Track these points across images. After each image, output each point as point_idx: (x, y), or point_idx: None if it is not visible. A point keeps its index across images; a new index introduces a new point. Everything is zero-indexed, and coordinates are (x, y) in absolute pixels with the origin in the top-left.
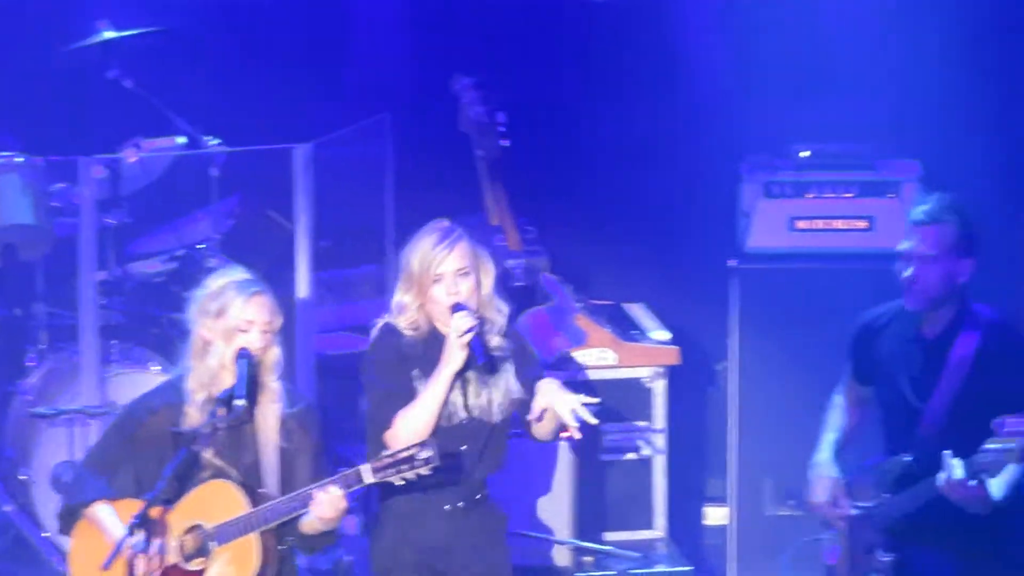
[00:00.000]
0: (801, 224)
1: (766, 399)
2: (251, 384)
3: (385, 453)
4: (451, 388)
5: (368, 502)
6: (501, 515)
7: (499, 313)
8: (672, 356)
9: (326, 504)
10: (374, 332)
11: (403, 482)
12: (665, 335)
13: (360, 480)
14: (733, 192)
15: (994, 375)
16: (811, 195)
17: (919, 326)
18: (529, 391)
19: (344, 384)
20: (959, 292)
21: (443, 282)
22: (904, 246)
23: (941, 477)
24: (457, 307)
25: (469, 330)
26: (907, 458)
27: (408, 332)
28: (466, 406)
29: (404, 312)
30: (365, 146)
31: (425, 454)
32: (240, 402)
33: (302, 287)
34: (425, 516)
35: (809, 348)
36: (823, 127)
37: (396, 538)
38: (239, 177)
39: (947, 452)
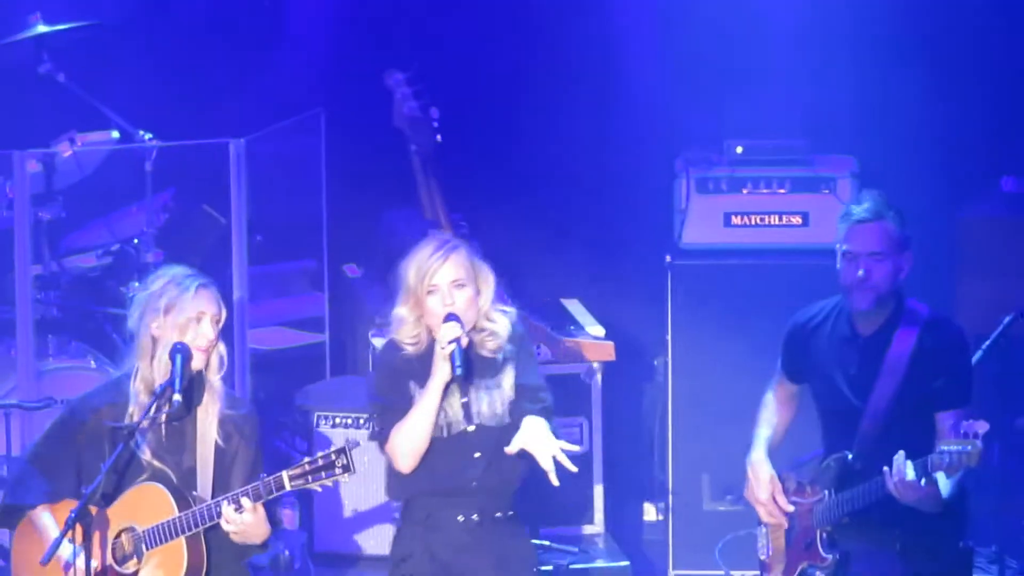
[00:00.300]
0: (736, 220)
1: (703, 394)
2: (188, 379)
3: (305, 460)
4: (446, 398)
5: (305, 497)
6: (526, 541)
7: (501, 323)
8: (608, 351)
9: (233, 521)
10: (378, 348)
11: (320, 489)
12: (601, 330)
13: (282, 486)
14: (668, 188)
15: (932, 372)
16: (746, 191)
17: (854, 324)
18: (518, 400)
19: (279, 379)
20: (898, 289)
21: (438, 293)
22: (847, 246)
23: (892, 478)
24: (449, 317)
25: (453, 340)
26: (848, 455)
27: (409, 346)
28: (469, 415)
29: (403, 325)
30: (299, 141)
31: (343, 461)
32: (177, 396)
33: (237, 282)
34: (439, 524)
35: (744, 343)
36: (758, 123)
37: (413, 545)
38: (173, 172)
39: (900, 454)
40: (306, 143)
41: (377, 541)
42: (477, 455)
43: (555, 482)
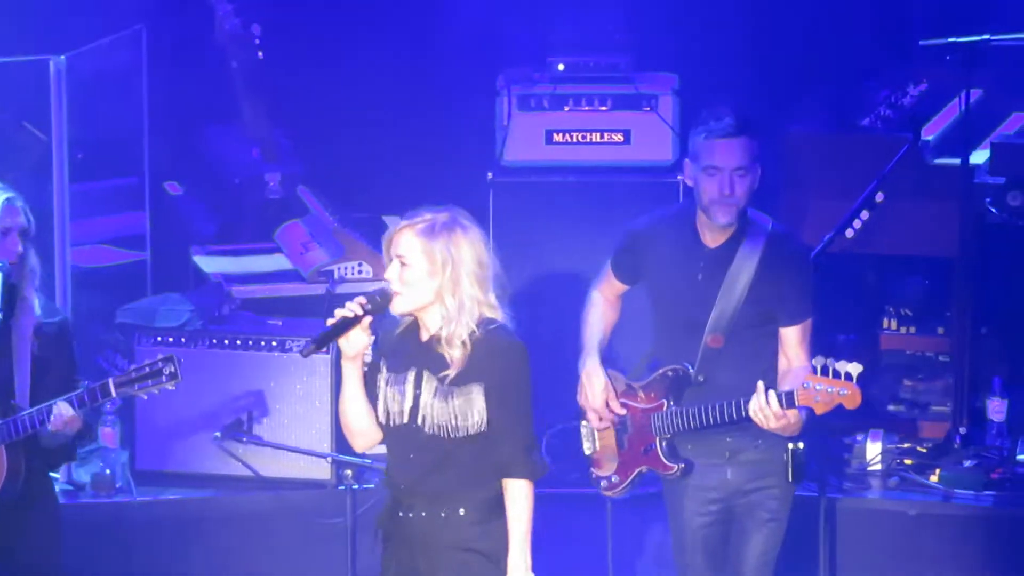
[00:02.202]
0: (558, 137)
1: (523, 309)
2: (6, 294)
3: (132, 367)
4: (392, 386)
5: (126, 415)
6: (475, 550)
7: (458, 318)
8: None
9: (59, 420)
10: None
11: (146, 396)
12: None
13: (108, 393)
14: (490, 105)
15: (775, 286)
16: (567, 108)
17: (700, 236)
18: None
19: (100, 296)
20: None
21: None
22: (710, 161)
23: (755, 406)
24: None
25: (344, 312)
26: (690, 369)
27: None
28: (405, 410)
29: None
30: (120, 58)
31: (169, 368)
32: None
33: (57, 199)
34: (392, 514)
35: (566, 259)
36: (579, 40)
37: (383, 529)
38: None
39: (760, 385)
40: (127, 60)
41: (199, 459)
42: (411, 456)
43: None
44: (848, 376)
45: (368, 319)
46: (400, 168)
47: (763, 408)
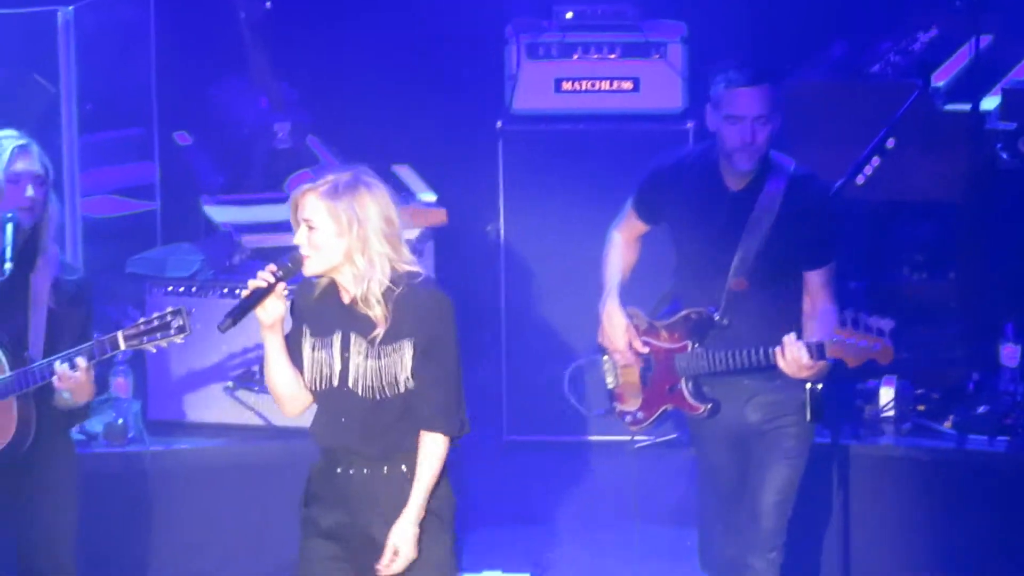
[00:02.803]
0: (566, 86)
1: (535, 259)
2: (23, 247)
3: (141, 320)
4: (320, 349)
5: (138, 365)
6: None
7: (370, 276)
8: (440, 218)
9: (66, 379)
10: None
11: (155, 349)
12: (432, 197)
13: (116, 346)
14: (499, 54)
15: (798, 229)
16: (576, 56)
17: (723, 179)
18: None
19: (111, 247)
20: None
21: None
22: (731, 109)
23: (785, 357)
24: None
25: (258, 282)
26: (714, 313)
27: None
28: (335, 372)
29: None
30: (128, 8)
31: (178, 322)
32: (8, 265)
33: (67, 151)
34: (327, 473)
35: (576, 208)
36: None
37: (311, 489)
38: (0, 39)
39: (791, 336)
40: (135, 10)
41: (211, 409)
42: (343, 419)
43: None
44: (880, 332)
45: (281, 286)
46: (409, 117)
47: (795, 359)
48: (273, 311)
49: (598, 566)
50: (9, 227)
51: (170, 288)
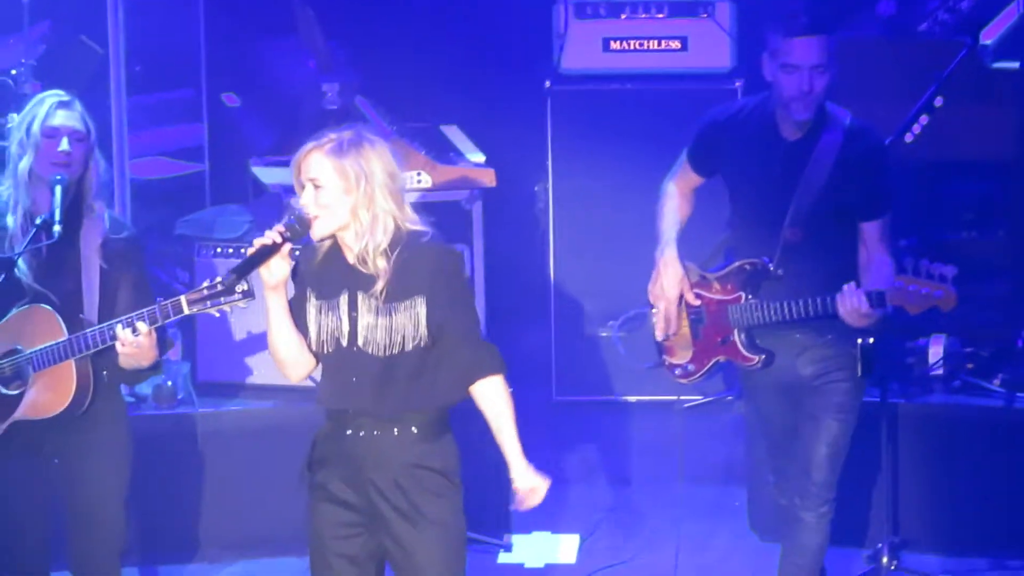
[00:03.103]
0: (615, 45)
1: (582, 219)
2: (68, 208)
3: (204, 284)
4: (327, 312)
5: (187, 327)
6: (428, 467)
7: (372, 231)
8: (488, 178)
9: (128, 343)
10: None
11: (218, 314)
12: (481, 157)
13: (180, 310)
14: (547, 14)
15: (854, 180)
16: (624, 16)
17: (779, 129)
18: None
19: (159, 208)
20: None
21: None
22: (789, 59)
23: (846, 306)
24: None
25: (263, 241)
26: (769, 263)
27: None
28: (343, 333)
29: None
30: None
31: (243, 286)
32: (57, 228)
33: (115, 112)
34: (336, 436)
35: (623, 168)
36: None
37: (317, 455)
38: (50, 2)
39: (851, 285)
40: None
41: (260, 370)
42: (354, 379)
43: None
44: (943, 277)
45: (287, 247)
46: (457, 78)
47: (855, 308)
48: (278, 272)
49: (646, 526)
50: (58, 189)
51: (219, 250)
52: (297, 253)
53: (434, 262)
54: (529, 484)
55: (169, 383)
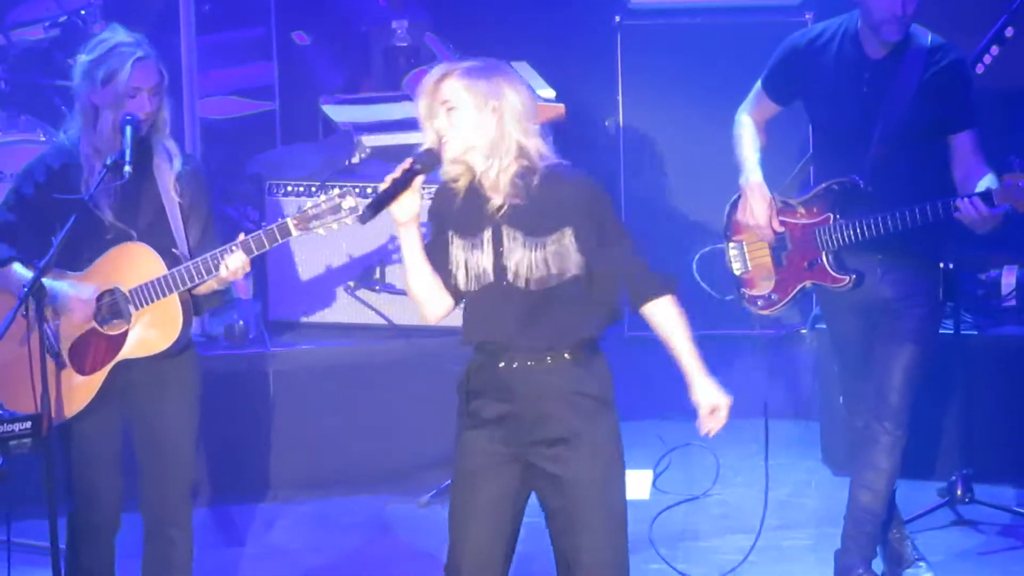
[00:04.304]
0: None
1: (653, 154)
2: (139, 149)
3: (309, 204)
4: (472, 250)
5: (258, 266)
6: (585, 393)
7: (500, 154)
8: (558, 112)
9: (234, 271)
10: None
11: (324, 232)
12: (551, 92)
13: (288, 233)
14: None
15: (941, 95)
16: None
17: (863, 48)
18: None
19: (230, 148)
20: None
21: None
22: None
23: (968, 209)
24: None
25: (394, 176)
26: (859, 180)
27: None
28: (491, 269)
29: None
30: None
31: (349, 203)
32: (127, 168)
33: (185, 51)
34: (488, 367)
35: (694, 102)
36: None
37: (471, 386)
38: None
39: (988, 176)
40: None
41: (331, 309)
42: (504, 313)
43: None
44: None
45: (420, 180)
46: (526, 13)
47: (980, 214)
48: (409, 208)
49: (721, 462)
50: (128, 129)
51: (290, 188)
52: (431, 195)
53: (577, 192)
54: (710, 400)
55: (241, 322)
